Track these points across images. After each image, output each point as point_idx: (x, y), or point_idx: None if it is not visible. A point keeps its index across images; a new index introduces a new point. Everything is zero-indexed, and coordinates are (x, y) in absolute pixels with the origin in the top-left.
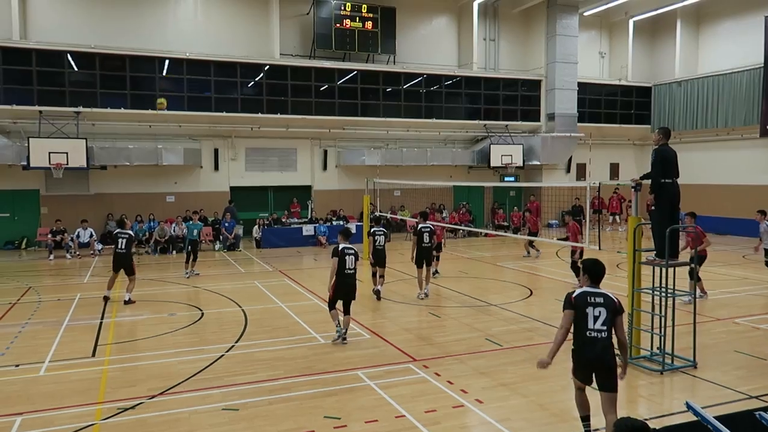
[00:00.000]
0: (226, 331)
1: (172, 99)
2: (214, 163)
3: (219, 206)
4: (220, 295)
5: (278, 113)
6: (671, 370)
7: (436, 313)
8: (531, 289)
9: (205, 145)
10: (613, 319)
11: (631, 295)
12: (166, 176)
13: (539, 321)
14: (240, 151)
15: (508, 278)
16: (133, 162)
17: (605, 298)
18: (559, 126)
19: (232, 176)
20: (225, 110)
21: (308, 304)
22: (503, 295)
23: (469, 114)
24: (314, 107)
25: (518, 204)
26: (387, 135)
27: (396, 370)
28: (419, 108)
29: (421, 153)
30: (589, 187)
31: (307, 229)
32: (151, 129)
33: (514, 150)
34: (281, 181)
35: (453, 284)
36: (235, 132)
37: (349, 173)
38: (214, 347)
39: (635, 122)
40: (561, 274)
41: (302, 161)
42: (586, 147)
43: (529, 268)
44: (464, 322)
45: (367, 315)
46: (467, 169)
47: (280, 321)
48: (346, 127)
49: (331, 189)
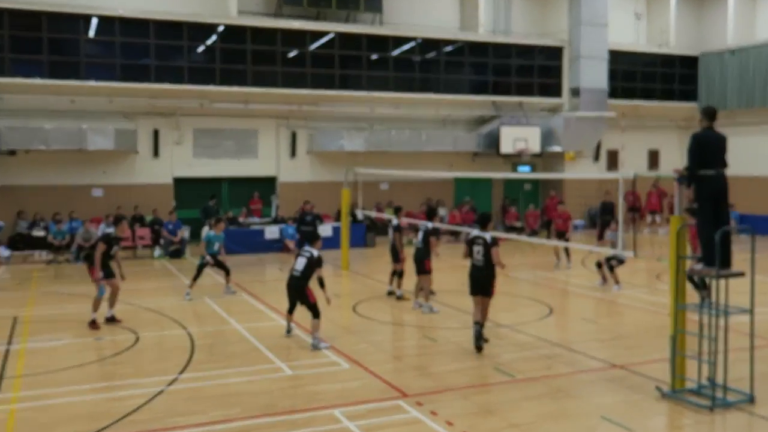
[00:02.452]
0: (168, 360)
1: (100, 67)
2: (154, 147)
3: (159, 202)
4: (160, 314)
5: (235, 85)
6: (724, 407)
7: (432, 336)
8: (550, 306)
9: (142, 125)
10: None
11: (674, 314)
12: (93, 164)
13: (560, 346)
14: (186, 134)
15: (523, 292)
16: (51, 146)
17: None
18: (585, 103)
19: (177, 164)
20: (168, 81)
21: (272, 326)
22: (516, 314)
23: (474, 88)
24: (280, 78)
25: (534, 200)
26: (372, 114)
27: (382, 408)
28: (412, 80)
29: (414, 136)
30: (623, 179)
31: (271, 231)
32: (75, 105)
33: (530, 133)
34: (238, 171)
35: (453, 300)
36: (180, 109)
37: (323, 161)
38: (153, 380)
39: (679, 99)
40: (588, 288)
41: (265, 146)
42: (618, 129)
43: (548, 279)
44: (467, 348)
45: (345, 339)
46: (471, 157)
47: (237, 347)
48: (320, 103)
49: (301, 181)
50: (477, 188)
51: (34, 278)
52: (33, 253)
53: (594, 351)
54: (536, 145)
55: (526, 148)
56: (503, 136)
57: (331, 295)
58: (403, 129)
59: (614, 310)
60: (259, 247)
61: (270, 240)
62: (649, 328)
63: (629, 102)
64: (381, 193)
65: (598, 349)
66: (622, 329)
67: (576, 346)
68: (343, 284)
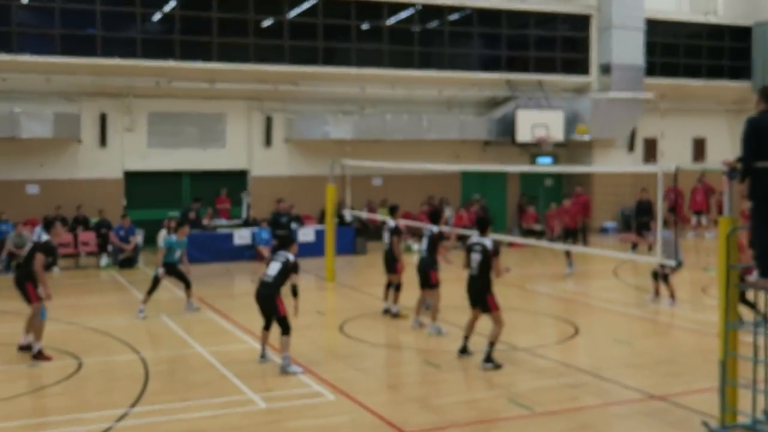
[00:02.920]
0: (117, 391)
1: (36, 39)
2: (101, 135)
3: (107, 201)
4: (108, 336)
5: (198, 61)
6: None
7: (435, 361)
8: (575, 326)
9: (86, 108)
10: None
11: (724, 334)
12: (27, 155)
13: (588, 372)
14: (140, 119)
15: (543, 309)
16: None
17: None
18: (618, 82)
19: (129, 156)
20: (117, 55)
21: (242, 349)
22: (535, 335)
23: (484, 64)
24: (253, 52)
25: (557, 198)
26: (362, 94)
27: None
28: (410, 54)
29: (413, 122)
30: (662, 173)
31: (241, 235)
32: (5, 84)
33: (552, 117)
34: (202, 164)
35: (459, 318)
36: (132, 89)
37: (304, 152)
38: (99, 414)
39: (729, 77)
40: (620, 302)
41: (234, 134)
42: (657, 114)
43: (573, 293)
44: (476, 375)
45: (330, 364)
46: (482, 146)
47: (200, 375)
48: (300, 82)
49: (278, 175)
50: (488, 184)
51: None
52: None
53: (628, 379)
54: (559, 132)
55: (547, 136)
56: (520, 121)
57: (301, 307)
58: (399, 113)
59: (653, 330)
60: (227, 254)
61: (240, 246)
62: (694, 351)
63: (670, 81)
64: (373, 190)
65: (633, 376)
66: (661, 353)
67: (606, 373)
68: (327, 299)
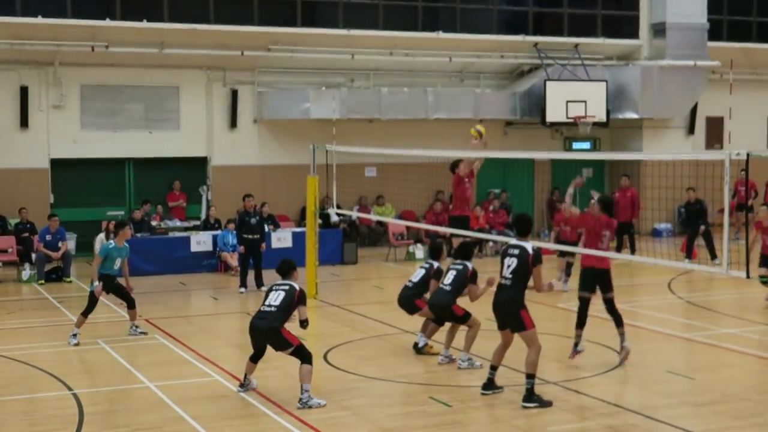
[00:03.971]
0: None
1: None
2: (21, 113)
3: (29, 196)
4: (32, 367)
5: (144, 20)
6: None
7: (444, 398)
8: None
9: (2, 79)
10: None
11: None
12: None
13: (635, 412)
14: (71, 93)
15: None
16: None
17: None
18: (674, 47)
19: (57, 139)
20: (41, 14)
21: (202, 382)
22: (571, 365)
23: (506, 25)
24: (213, 10)
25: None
26: (352, 62)
27: None
28: (413, 12)
29: (416, 97)
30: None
31: (200, 240)
32: None
33: (591, 91)
34: (150, 150)
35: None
36: (60, 56)
37: (279, 134)
38: None
39: None
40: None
41: (190, 112)
42: (723, 86)
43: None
44: (498, 416)
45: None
46: (503, 127)
47: (148, 416)
48: (272, 47)
49: (246, 164)
50: (512, 174)
51: None
52: None
53: (685, 420)
54: (600, 109)
55: (586, 115)
56: (550, 95)
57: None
58: (399, 86)
59: (717, 359)
60: (182, 264)
61: (198, 253)
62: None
63: (740, 45)
64: (366, 182)
65: (692, 417)
66: (727, 388)
67: (659, 413)
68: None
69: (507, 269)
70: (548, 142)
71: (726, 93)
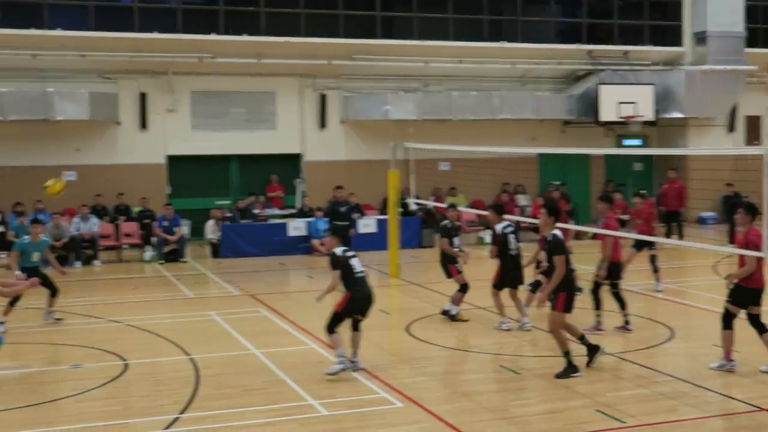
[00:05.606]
0: (165, 395)
1: (69, 12)
2: (141, 116)
3: (149, 187)
4: (154, 335)
5: (244, 34)
6: None
7: (513, 366)
8: (670, 328)
9: (124, 86)
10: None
11: None
12: (62, 139)
13: (686, 381)
14: (182, 98)
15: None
16: (8, 116)
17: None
18: (715, 53)
19: (171, 138)
20: (157, 29)
21: (299, 350)
22: (624, 338)
23: (563, 34)
24: (304, 23)
25: (648, 185)
26: (426, 69)
27: None
28: (479, 24)
29: (482, 100)
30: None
31: (296, 226)
32: (37, 61)
33: (640, 93)
34: (251, 148)
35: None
36: (173, 66)
37: (363, 133)
38: (145, 421)
39: None
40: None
41: (286, 114)
42: (761, 88)
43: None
44: (558, 383)
45: (396, 369)
46: (561, 127)
47: (254, 378)
48: (356, 56)
49: (334, 159)
50: (569, 169)
51: None
52: None
53: (733, 389)
54: (648, 109)
55: (635, 114)
56: (603, 98)
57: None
58: (467, 90)
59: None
60: (280, 247)
61: (294, 237)
62: None
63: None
64: (440, 175)
65: (739, 386)
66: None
67: (708, 383)
68: (392, 297)
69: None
70: (601, 140)
71: (763, 94)
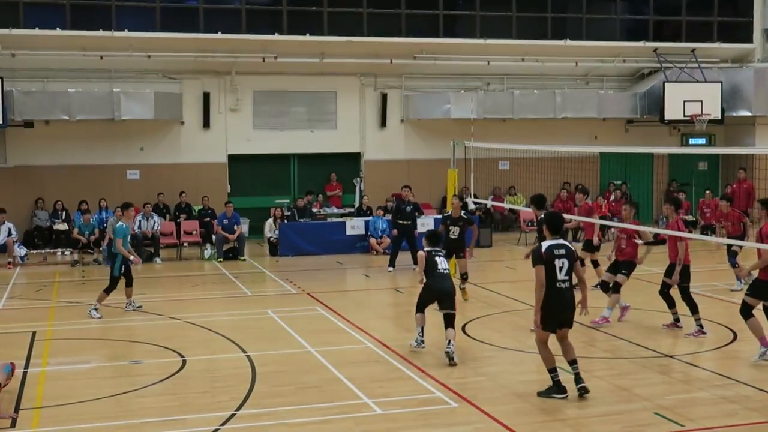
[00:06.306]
0: (222, 392)
1: (135, 14)
2: (204, 115)
3: (211, 186)
4: (212, 332)
5: (307, 34)
6: None
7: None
8: (734, 331)
9: (188, 86)
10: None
11: None
12: (127, 138)
13: (749, 385)
14: (245, 97)
15: None
16: (75, 116)
17: (566, 249)
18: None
19: (233, 138)
20: (220, 30)
21: (356, 349)
22: (685, 340)
23: (628, 32)
24: (366, 23)
25: (713, 185)
26: (487, 68)
27: None
28: (542, 22)
29: (544, 98)
30: None
31: (354, 225)
32: (104, 62)
33: (707, 92)
34: (311, 147)
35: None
36: (236, 66)
37: (423, 133)
38: (203, 417)
39: None
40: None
41: (346, 113)
42: None
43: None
44: (617, 384)
45: (451, 369)
46: (624, 125)
47: (310, 376)
48: (418, 55)
49: (394, 159)
50: (632, 168)
51: (56, 284)
52: (54, 251)
53: None
54: (715, 108)
55: (702, 113)
56: (669, 96)
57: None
58: (529, 89)
59: None
60: (338, 246)
61: (352, 236)
62: None
63: None
64: (500, 175)
65: None
66: None
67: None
68: None
69: (561, 271)
70: (666, 139)
71: None
